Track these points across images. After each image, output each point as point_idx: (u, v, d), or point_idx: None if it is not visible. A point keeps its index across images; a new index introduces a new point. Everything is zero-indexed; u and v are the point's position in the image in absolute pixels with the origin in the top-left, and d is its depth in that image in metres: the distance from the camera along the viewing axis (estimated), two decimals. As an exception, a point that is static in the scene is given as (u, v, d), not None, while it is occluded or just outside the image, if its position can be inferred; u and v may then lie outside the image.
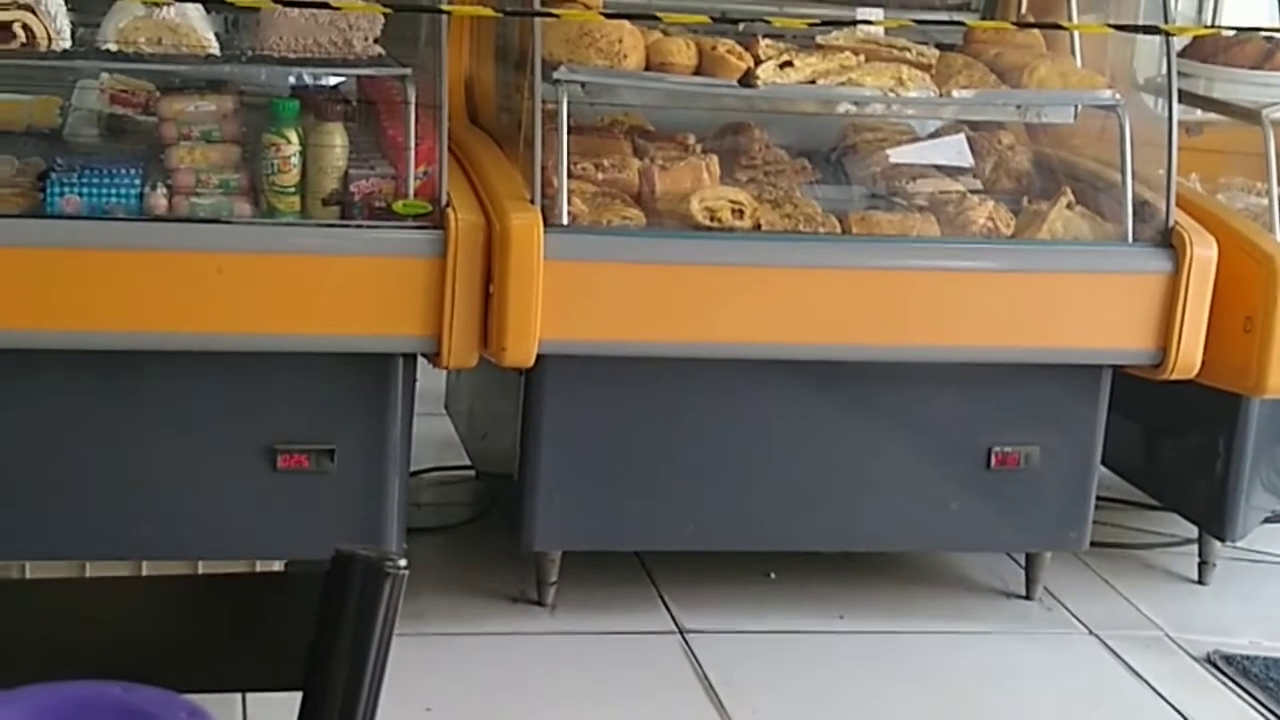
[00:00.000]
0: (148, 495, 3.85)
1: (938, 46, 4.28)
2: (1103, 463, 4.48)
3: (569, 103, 3.91)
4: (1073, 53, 4.47)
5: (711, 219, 3.97)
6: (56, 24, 3.71)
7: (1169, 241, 4.06)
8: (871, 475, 4.16)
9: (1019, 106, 4.30)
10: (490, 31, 4.39)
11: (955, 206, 4.16)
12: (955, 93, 4.11)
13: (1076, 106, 4.28)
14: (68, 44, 3.72)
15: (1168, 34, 4.02)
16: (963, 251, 4.08)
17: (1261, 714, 3.91)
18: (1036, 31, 4.45)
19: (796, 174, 4.30)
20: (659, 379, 4.00)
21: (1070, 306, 4.02)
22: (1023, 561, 4.43)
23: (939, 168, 4.36)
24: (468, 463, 4.84)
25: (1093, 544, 4.40)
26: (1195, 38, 4.92)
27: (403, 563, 1.56)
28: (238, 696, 3.60)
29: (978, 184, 4.30)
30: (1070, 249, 4.10)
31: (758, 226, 3.98)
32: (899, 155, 4.37)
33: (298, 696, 1.67)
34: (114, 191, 3.75)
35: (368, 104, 4.07)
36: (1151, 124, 4.22)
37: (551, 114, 3.90)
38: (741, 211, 3.99)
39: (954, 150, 4.39)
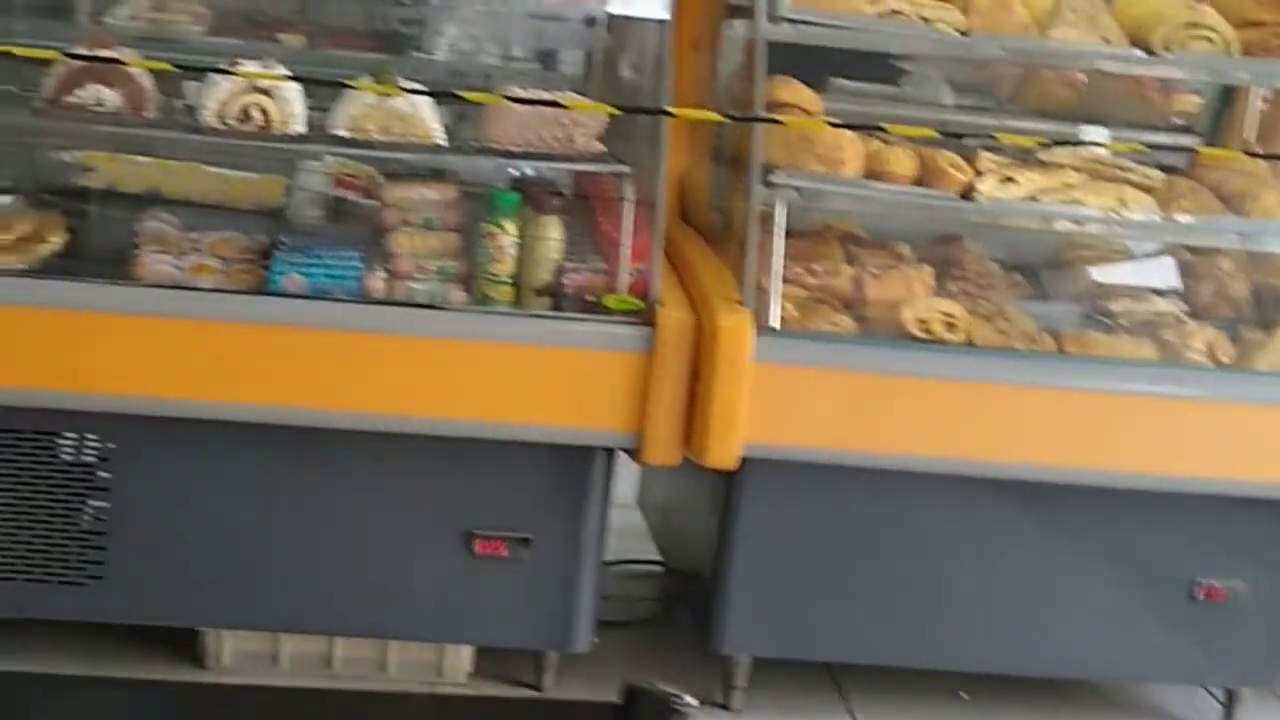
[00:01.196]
0: (345, 571, 3.90)
1: (1160, 168, 4.23)
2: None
3: (785, 207, 3.92)
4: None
5: (923, 330, 3.94)
6: (292, 109, 3.80)
7: (1390, 376, 3.96)
8: (1070, 601, 4.08)
9: (1241, 234, 4.23)
10: (707, 131, 4.42)
11: (1172, 331, 4.09)
12: (1178, 217, 4.05)
13: (1301, 236, 4.20)
14: (302, 129, 3.81)
15: None
16: (1179, 378, 4.01)
17: None
18: (1264, 162, 4.36)
19: (1009, 288, 4.26)
20: (861, 489, 3.97)
21: (1286, 440, 3.93)
22: (1220, 696, 4.32)
23: (1156, 290, 4.29)
24: (657, 557, 4.83)
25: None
26: None
27: (692, 701, 1.56)
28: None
29: (1196, 309, 4.22)
30: (1289, 381, 4.02)
31: (971, 341, 3.95)
32: (1115, 275, 4.31)
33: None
34: (335, 273, 3.82)
35: (585, 198, 4.10)
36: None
37: (767, 217, 3.91)
38: (954, 324, 3.96)
39: (1173, 273, 4.32)
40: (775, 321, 3.85)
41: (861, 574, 4.03)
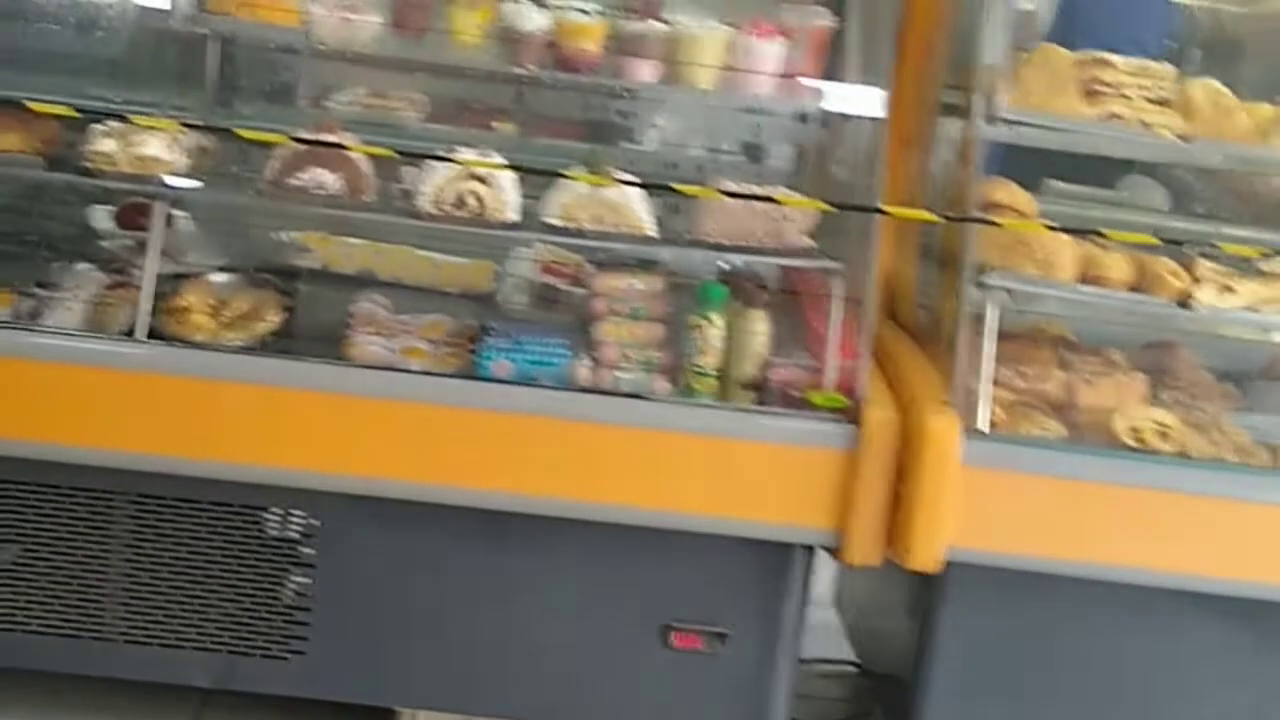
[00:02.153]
0: (541, 657, 3.90)
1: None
2: None
3: (997, 309, 3.88)
4: None
5: (1136, 439, 3.87)
6: (507, 196, 3.85)
7: None
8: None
9: None
10: (915, 229, 4.39)
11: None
12: (1403, 327, 3.95)
13: None
14: (515, 217, 3.85)
15: None
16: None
17: None
18: None
19: (1223, 399, 4.17)
20: (1066, 598, 3.89)
21: None
22: None
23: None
24: (853, 658, 4.77)
25: None
26: None
27: None
28: None
29: None
30: None
31: (1184, 452, 3.86)
32: (1334, 389, 4.21)
33: None
34: (543, 360, 3.85)
35: (793, 294, 4.09)
36: None
37: (977, 318, 3.87)
38: (1167, 434, 3.88)
39: (1394, 390, 4.21)
40: (984, 424, 3.81)
41: (1062, 686, 3.94)
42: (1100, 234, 3.80)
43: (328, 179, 3.85)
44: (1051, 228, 3.89)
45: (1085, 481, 3.79)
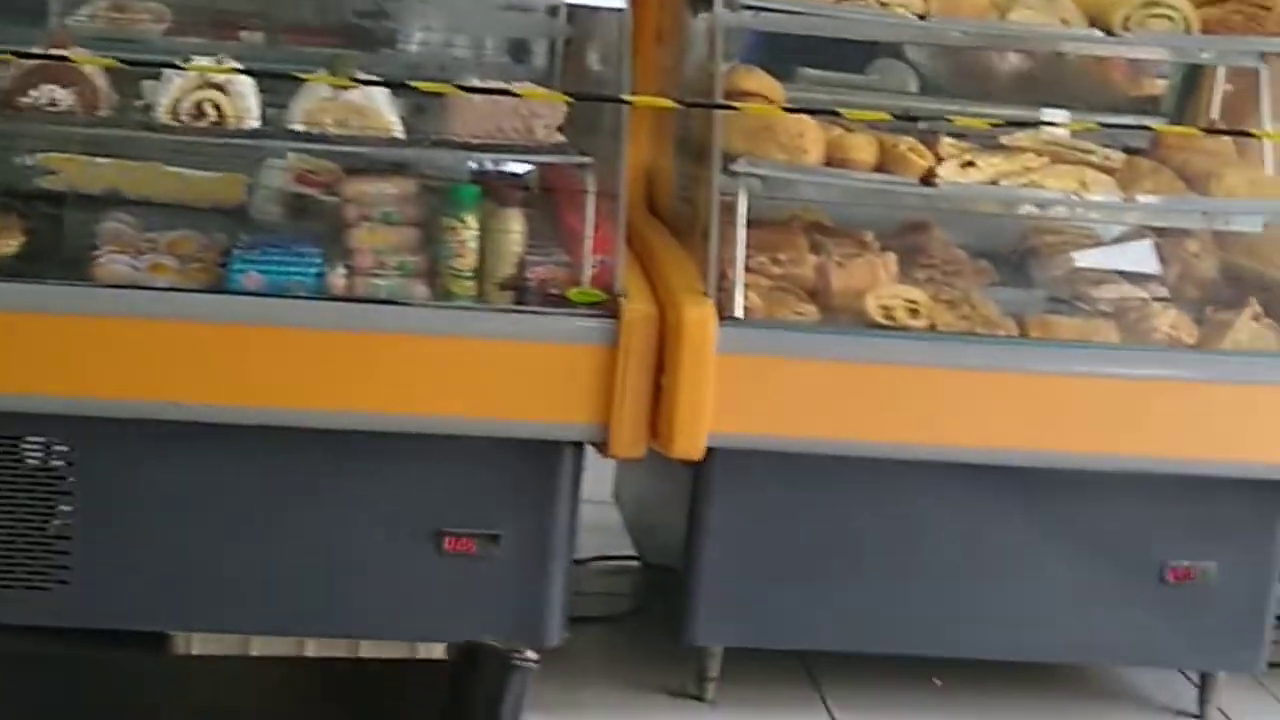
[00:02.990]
0: (313, 571, 3.88)
1: (1125, 150, 4.22)
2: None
3: (747, 196, 3.90)
4: (1263, 161, 4.37)
5: (886, 317, 3.93)
6: (246, 103, 3.78)
7: (1357, 356, 3.95)
8: (1041, 584, 4.07)
9: (1205, 214, 4.21)
10: (671, 122, 4.40)
11: (1137, 313, 4.08)
12: (1140, 198, 4.04)
13: (1265, 216, 4.18)
14: (256, 123, 3.79)
15: (1362, 144, 3.93)
16: (1143, 359, 4.00)
17: None
18: (1227, 138, 4.35)
19: (975, 275, 4.24)
20: (828, 477, 3.95)
21: (1252, 419, 3.92)
22: (1197, 680, 4.30)
23: (1122, 273, 4.28)
24: (633, 553, 4.81)
25: (1273, 665, 4.27)
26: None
27: (531, 655, 1.53)
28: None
29: (1162, 291, 4.21)
30: (1254, 361, 4.00)
31: (933, 327, 3.93)
32: (1081, 259, 4.31)
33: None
34: (295, 270, 3.80)
35: (547, 191, 4.09)
36: (1345, 236, 4.11)
37: (729, 207, 3.89)
38: (917, 311, 3.95)
39: (1138, 256, 4.31)
40: (739, 311, 3.84)
41: (831, 561, 4.01)
42: (836, 113, 3.83)
43: (60, 95, 3.75)
44: (790, 109, 3.92)
45: (839, 362, 3.85)
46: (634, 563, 4.80)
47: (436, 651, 4.08)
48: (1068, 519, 4.05)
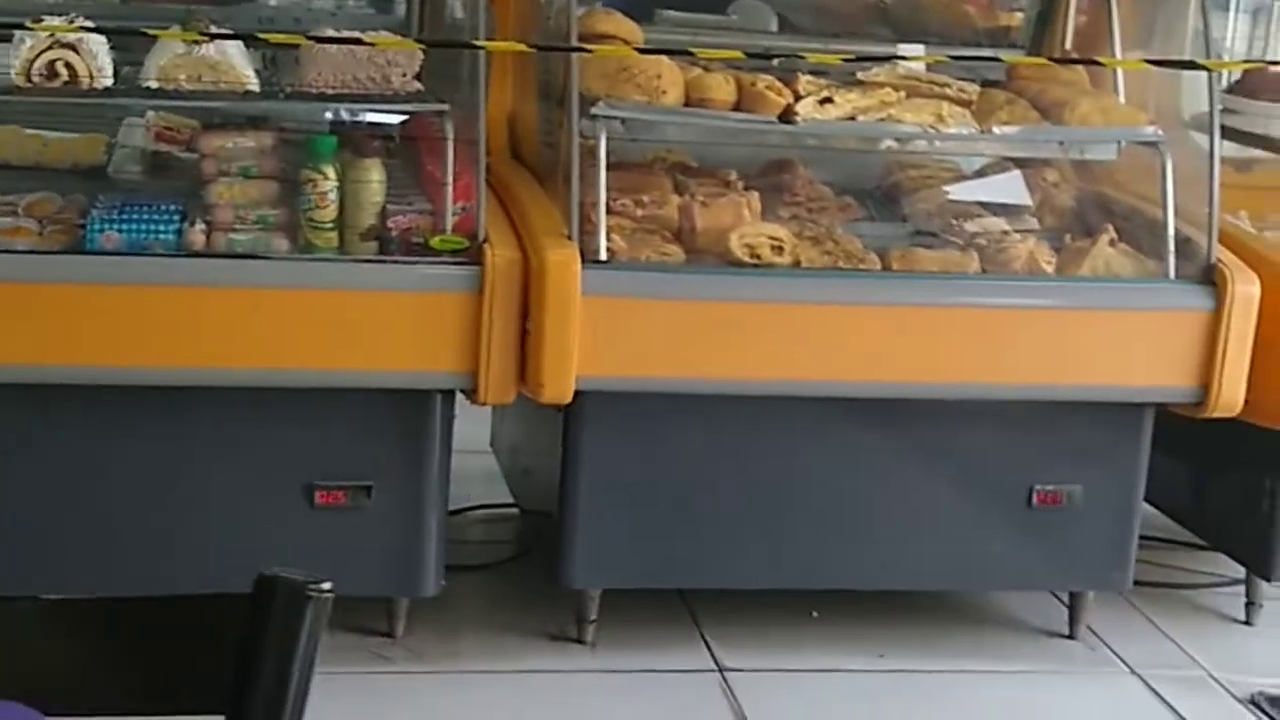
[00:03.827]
0: (184, 530, 3.86)
1: (983, 84, 4.26)
2: (1151, 503, 4.44)
3: (608, 139, 3.91)
4: (1116, 90, 4.43)
5: (751, 256, 3.95)
6: (98, 62, 3.74)
7: (1210, 279, 4.01)
8: (913, 514, 4.13)
9: (1061, 143, 4.26)
10: (533, 67, 4.40)
11: (997, 244, 4.13)
12: (996, 129, 4.09)
13: (1119, 143, 4.24)
14: (109, 82, 3.75)
15: (1206, 69, 3.98)
16: (1002, 289, 4.06)
17: (1307, 757, 3.86)
18: (1081, 68, 4.41)
19: (840, 211, 4.28)
20: (699, 416, 3.98)
21: (1111, 344, 3.99)
22: (1067, 601, 4.38)
23: (984, 205, 4.33)
24: (511, 500, 4.83)
25: (1139, 584, 4.36)
26: (1246, 73, 4.88)
27: (326, 586, 1.54)
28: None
29: (1022, 222, 4.26)
30: (1110, 286, 4.06)
31: (798, 263, 3.97)
32: (943, 193, 4.35)
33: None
34: (154, 228, 3.77)
35: (407, 140, 4.07)
36: (1196, 160, 4.17)
37: (590, 150, 3.89)
38: (781, 248, 3.98)
39: (998, 188, 4.37)
40: (603, 254, 3.85)
41: (705, 500, 4.05)
42: (690, 54, 3.84)
43: (-91, 59, 3.69)
44: (643, 50, 3.93)
45: (705, 301, 3.87)
46: (513, 510, 4.82)
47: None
48: (935, 449, 4.11)
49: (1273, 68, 4.86)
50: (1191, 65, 4.02)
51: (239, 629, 1.54)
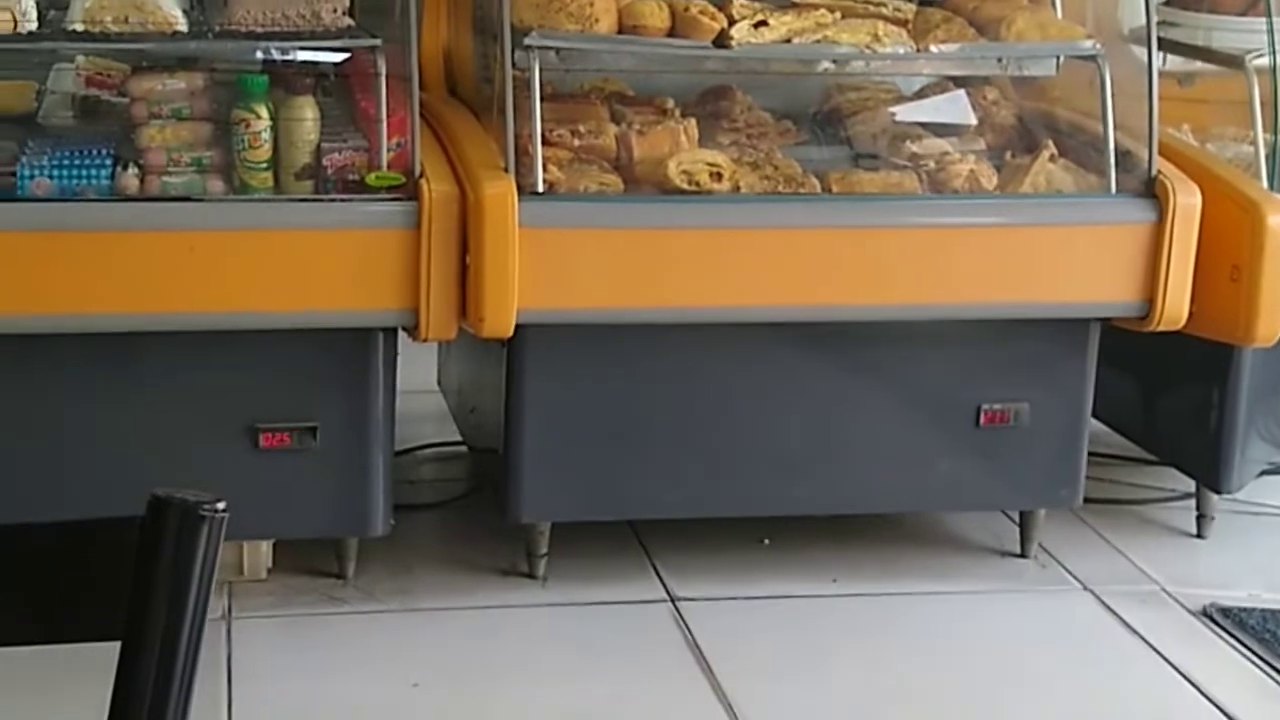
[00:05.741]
0: (127, 476, 3.81)
1: (920, 2, 4.23)
2: (1101, 419, 4.45)
3: (542, 69, 3.87)
4: (1054, 4, 4.41)
5: (689, 182, 3.93)
6: (21, 7, 3.68)
7: (1152, 191, 4.01)
8: (861, 437, 4.13)
9: (1000, 60, 4.25)
10: (468, 2, 4.35)
11: (938, 163, 4.11)
12: (933, 48, 4.07)
13: (1058, 58, 4.22)
14: (33, 26, 3.70)
15: (1140, -21, 3.97)
16: (943, 208, 4.04)
17: (1258, 666, 3.87)
18: (1017, -17, 4.38)
19: (779, 136, 4.25)
20: (642, 345, 3.96)
21: (1053, 260, 3.98)
22: (1018, 519, 4.39)
23: (924, 126, 4.31)
24: (460, 439, 4.81)
25: (1090, 500, 4.37)
26: (1185, -15, 4.86)
27: (220, 505, 1.52)
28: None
29: (963, 141, 4.24)
30: (1051, 202, 4.05)
31: (737, 189, 3.94)
32: (883, 114, 4.32)
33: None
34: (85, 173, 3.73)
35: (340, 77, 4.03)
36: (1136, 74, 4.15)
37: (525, 82, 3.86)
38: (720, 174, 3.95)
39: (938, 108, 4.34)
40: (540, 186, 3.82)
41: (650, 429, 4.03)
42: (623, -20, 3.81)
43: None
44: (570, -22, 3.90)
45: (643, 229, 3.84)
46: (462, 448, 4.80)
47: (263, 549, 4.09)
48: (881, 371, 4.10)
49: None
50: (1124, -24, 4.00)
51: (130, 550, 1.52)
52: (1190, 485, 4.55)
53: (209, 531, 1.52)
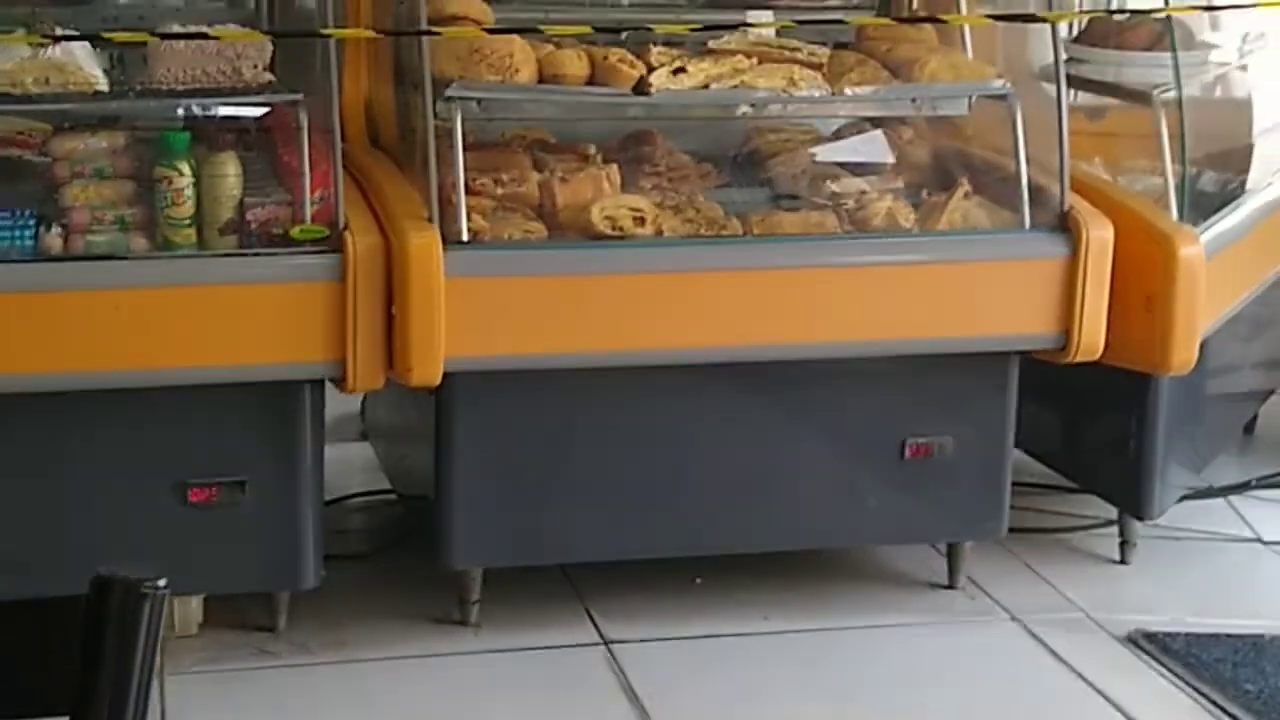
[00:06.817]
0: (56, 535, 3.81)
1: (834, 46, 4.30)
2: (1023, 449, 4.51)
3: (464, 119, 3.91)
4: (964, 46, 4.49)
5: (613, 228, 3.97)
6: (-60, 69, 3.69)
7: (1065, 226, 4.08)
8: (789, 474, 4.17)
9: (914, 100, 4.32)
10: (387, 54, 4.38)
11: (856, 203, 4.17)
12: (848, 90, 4.13)
13: (970, 98, 4.30)
14: (-45, 90, 3.70)
15: (1047, 21, 4.05)
16: (863, 247, 4.10)
17: (1183, 690, 3.93)
18: (929, 26, 4.46)
19: (700, 179, 4.31)
20: (569, 390, 4.00)
21: (971, 294, 4.05)
22: (945, 551, 4.44)
23: (843, 165, 4.37)
24: (390, 487, 4.82)
25: (1016, 530, 4.43)
26: (1092, 22, 4.95)
27: (161, 582, 1.54)
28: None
29: (880, 180, 4.30)
30: (967, 238, 4.12)
31: (660, 233, 3.99)
32: (802, 155, 4.38)
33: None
34: (8, 234, 3.73)
35: (262, 131, 4.05)
36: (1047, 110, 4.22)
37: (447, 132, 3.89)
38: (643, 219, 4.00)
39: (855, 148, 4.41)
40: (464, 235, 3.85)
41: (580, 474, 4.06)
42: (539, 30, 3.85)
43: None
44: (491, 30, 3.94)
45: (568, 276, 3.88)
46: (391, 496, 4.81)
47: (194, 604, 4.09)
48: (806, 409, 4.15)
49: (1116, 16, 4.93)
50: (1032, 18, 4.08)
51: (76, 630, 1.54)
52: (1113, 512, 4.62)
53: (151, 608, 1.54)
